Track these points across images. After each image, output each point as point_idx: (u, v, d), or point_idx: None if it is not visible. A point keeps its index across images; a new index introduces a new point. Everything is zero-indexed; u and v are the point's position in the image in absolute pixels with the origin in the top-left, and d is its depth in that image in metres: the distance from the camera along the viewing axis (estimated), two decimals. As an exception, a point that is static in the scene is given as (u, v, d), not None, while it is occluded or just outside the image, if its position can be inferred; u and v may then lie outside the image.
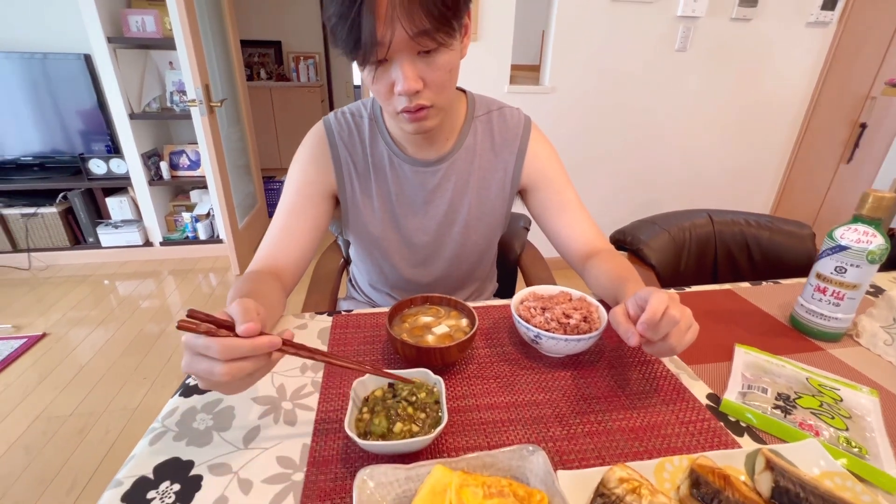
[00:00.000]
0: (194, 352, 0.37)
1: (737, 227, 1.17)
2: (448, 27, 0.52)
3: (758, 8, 2.10)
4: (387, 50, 0.51)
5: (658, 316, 0.45)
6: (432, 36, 0.51)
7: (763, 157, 2.49)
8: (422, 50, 0.53)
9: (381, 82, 0.56)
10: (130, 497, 0.38)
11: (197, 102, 1.99)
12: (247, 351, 0.37)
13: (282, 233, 0.70)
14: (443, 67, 0.56)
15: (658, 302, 0.45)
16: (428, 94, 0.57)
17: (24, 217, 2.32)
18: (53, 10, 2.20)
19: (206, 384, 0.38)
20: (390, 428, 0.41)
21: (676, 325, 0.45)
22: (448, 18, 0.51)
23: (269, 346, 0.38)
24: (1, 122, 2.26)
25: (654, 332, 0.46)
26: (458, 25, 0.54)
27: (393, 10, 0.48)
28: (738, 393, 0.51)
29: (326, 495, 0.39)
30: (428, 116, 0.60)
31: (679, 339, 0.46)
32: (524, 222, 1.12)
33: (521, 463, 0.39)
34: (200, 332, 0.36)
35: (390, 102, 0.58)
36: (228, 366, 0.37)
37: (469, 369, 0.55)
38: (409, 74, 0.53)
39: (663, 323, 0.45)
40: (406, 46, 0.52)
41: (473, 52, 1.98)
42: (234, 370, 0.37)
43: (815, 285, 0.63)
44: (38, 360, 1.68)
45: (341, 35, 0.51)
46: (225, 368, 0.36)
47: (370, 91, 0.60)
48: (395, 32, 0.50)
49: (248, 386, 0.41)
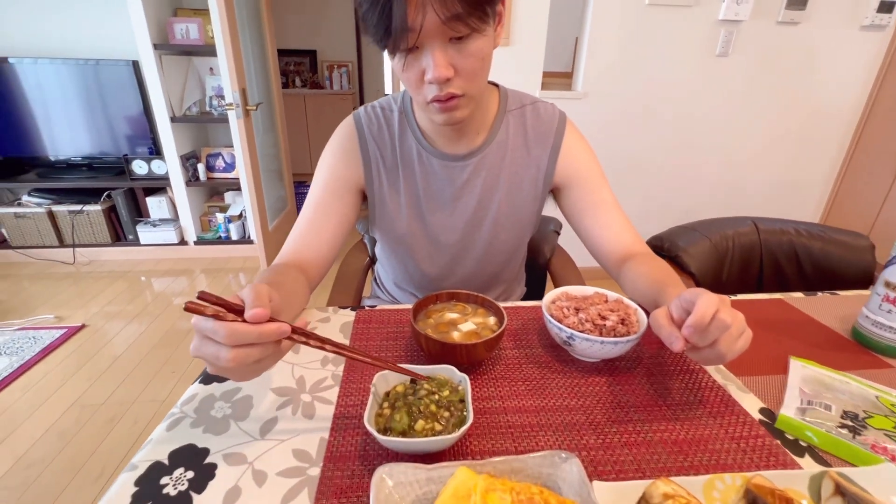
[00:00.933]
0: (202, 335, 0.36)
1: (785, 236, 1.10)
2: (481, 11, 0.50)
3: (807, 11, 2.00)
4: (417, 36, 0.50)
5: (707, 319, 0.41)
6: (465, 20, 0.49)
7: (812, 167, 2.36)
8: (454, 36, 0.51)
9: (411, 70, 0.54)
10: (144, 481, 0.37)
11: (234, 106, 2.05)
12: (254, 338, 0.35)
13: (309, 227, 0.69)
14: (475, 54, 0.54)
15: (707, 304, 0.41)
16: (459, 82, 0.55)
17: (71, 214, 2.44)
18: (106, 19, 2.33)
19: (214, 369, 0.37)
20: (412, 425, 0.39)
21: (727, 330, 0.41)
22: (481, 2, 0.49)
23: (278, 333, 0.36)
24: (56, 125, 2.39)
25: (702, 338, 0.41)
26: (492, 11, 0.53)
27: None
28: (797, 409, 0.46)
29: (342, 492, 0.36)
30: (459, 106, 0.58)
31: (730, 346, 0.42)
32: (554, 225, 1.08)
33: (553, 470, 0.36)
34: (208, 315, 0.35)
35: (420, 92, 0.57)
36: (235, 351, 0.35)
37: (496, 370, 0.52)
38: (440, 61, 0.52)
39: (713, 327, 0.41)
40: (438, 32, 0.50)
41: (505, 58, 1.96)
42: (241, 356, 0.35)
43: (883, 295, 0.57)
44: (75, 350, 1.74)
45: (372, 21, 0.50)
46: (231, 354, 0.35)
47: (401, 81, 0.59)
48: (426, 17, 0.48)
49: (257, 373, 0.39)
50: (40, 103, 2.34)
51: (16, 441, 1.32)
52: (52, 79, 2.30)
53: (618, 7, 1.93)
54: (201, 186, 2.57)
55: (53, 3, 2.29)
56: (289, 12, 4.18)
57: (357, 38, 4.35)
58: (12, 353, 1.68)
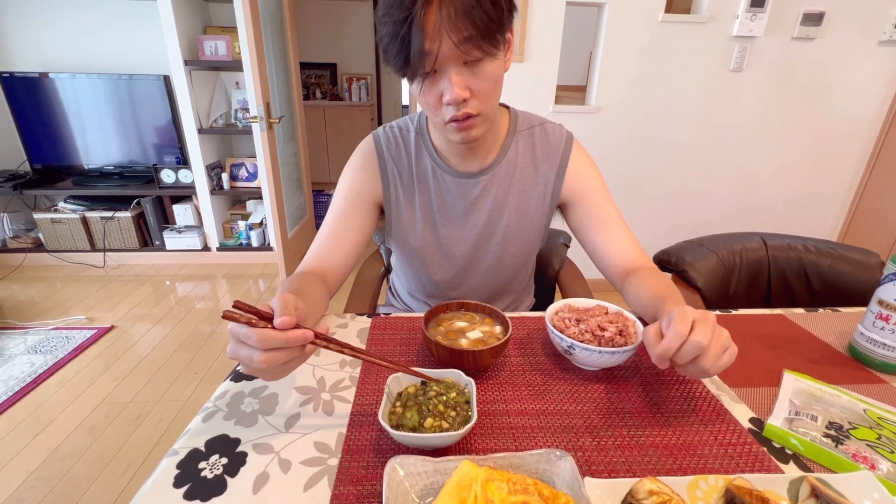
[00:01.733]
0: (237, 339, 0.41)
1: (793, 252, 1.11)
2: (492, 38, 0.55)
3: (822, 27, 2.01)
4: (434, 60, 0.54)
5: (673, 348, 0.44)
6: (478, 44, 0.54)
7: (829, 183, 2.34)
8: (468, 59, 0.56)
9: (430, 94, 0.59)
10: (184, 465, 0.42)
11: (258, 119, 2.14)
12: (281, 342, 0.40)
13: (329, 238, 0.74)
14: (488, 77, 0.58)
15: (677, 330, 0.44)
16: (475, 102, 0.60)
17: (102, 220, 2.56)
18: (141, 37, 2.47)
19: (248, 370, 0.42)
20: (421, 422, 0.43)
21: (703, 350, 0.44)
22: (492, 30, 0.54)
23: (302, 339, 0.41)
24: (90, 136, 2.53)
25: (679, 358, 0.45)
26: (502, 39, 0.57)
27: (440, 22, 0.52)
28: (785, 419, 0.48)
29: (358, 481, 0.41)
30: (475, 125, 0.62)
31: (712, 363, 0.45)
32: (563, 238, 1.11)
33: (548, 467, 0.39)
34: (242, 322, 0.40)
35: (438, 113, 0.61)
36: (265, 354, 0.40)
37: (501, 376, 0.56)
38: (457, 83, 0.56)
39: (685, 350, 0.44)
40: (453, 56, 0.55)
41: (520, 73, 2.01)
42: (270, 359, 0.40)
43: (876, 312, 0.59)
44: (105, 350, 1.83)
45: (392, 52, 0.55)
46: (262, 356, 0.40)
47: (419, 104, 0.64)
48: (442, 43, 0.53)
49: (285, 374, 0.44)
50: (77, 115, 2.48)
51: (50, 435, 1.40)
52: (89, 92, 2.44)
53: (631, 23, 1.96)
54: (225, 195, 2.67)
55: (92, 22, 2.44)
56: (311, 27, 4.33)
57: (376, 52, 4.47)
58: (47, 352, 1.78)
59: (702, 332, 0.44)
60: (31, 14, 2.41)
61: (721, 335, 0.45)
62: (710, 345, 0.44)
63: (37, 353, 1.77)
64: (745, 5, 1.94)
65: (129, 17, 2.44)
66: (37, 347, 1.80)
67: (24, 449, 1.34)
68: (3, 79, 2.36)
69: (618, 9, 1.94)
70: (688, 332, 0.44)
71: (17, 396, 1.54)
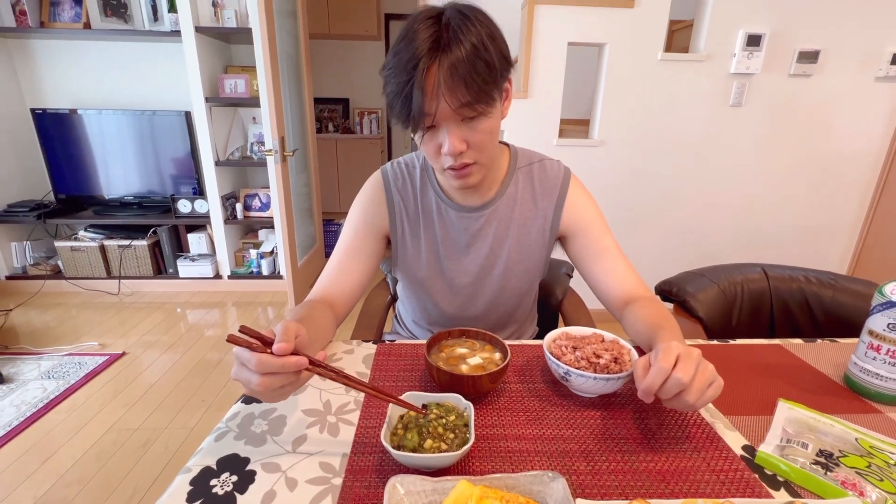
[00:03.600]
0: (239, 362, 0.44)
1: (795, 283, 1.12)
2: (488, 98, 0.60)
3: (818, 64, 2.08)
4: (433, 119, 0.60)
5: (657, 384, 0.47)
6: (473, 107, 0.59)
7: (834, 215, 2.35)
8: (466, 117, 0.61)
9: (429, 144, 0.65)
10: (197, 482, 0.44)
11: (273, 152, 2.24)
12: (277, 367, 0.43)
13: (338, 268, 0.78)
14: (484, 131, 0.63)
15: (660, 367, 0.47)
16: (471, 153, 0.65)
17: (119, 248, 2.65)
18: (165, 75, 2.62)
19: (248, 391, 0.45)
20: (421, 443, 0.45)
21: (684, 387, 0.46)
22: (487, 92, 0.59)
23: (296, 365, 0.44)
24: (112, 168, 2.65)
25: (662, 393, 0.48)
26: (498, 94, 0.62)
27: (438, 87, 0.57)
28: (776, 446, 0.50)
29: (360, 500, 0.42)
30: (471, 173, 0.67)
31: (695, 398, 0.47)
32: (566, 269, 1.14)
33: (542, 488, 0.41)
34: (243, 346, 0.43)
35: (438, 161, 0.67)
36: (262, 378, 0.42)
37: (500, 402, 0.58)
38: (454, 139, 0.62)
39: (667, 387, 0.47)
40: (450, 116, 0.60)
41: (524, 108, 2.09)
42: (266, 382, 0.43)
43: (867, 343, 0.60)
44: (115, 377, 1.86)
45: (396, 108, 0.61)
46: (259, 380, 0.42)
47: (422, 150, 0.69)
48: (439, 105, 0.58)
49: (282, 397, 0.47)
50: (101, 149, 2.60)
51: (58, 460, 1.41)
52: (113, 127, 2.57)
53: (631, 61, 2.05)
54: (238, 224, 2.75)
55: (119, 61, 2.60)
56: (326, 65, 4.54)
57: (387, 88, 4.65)
58: (59, 377, 1.81)
59: (684, 368, 0.46)
60: (64, 54, 2.58)
61: (706, 370, 0.48)
62: (692, 381, 0.46)
63: (50, 378, 1.80)
64: (742, 44, 2.02)
65: (155, 57, 2.60)
66: (50, 373, 1.84)
67: (32, 474, 1.36)
68: (36, 115, 2.50)
69: (617, 48, 2.03)
70: (671, 368, 0.47)
71: (28, 422, 1.56)
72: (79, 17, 2.44)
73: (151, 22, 2.48)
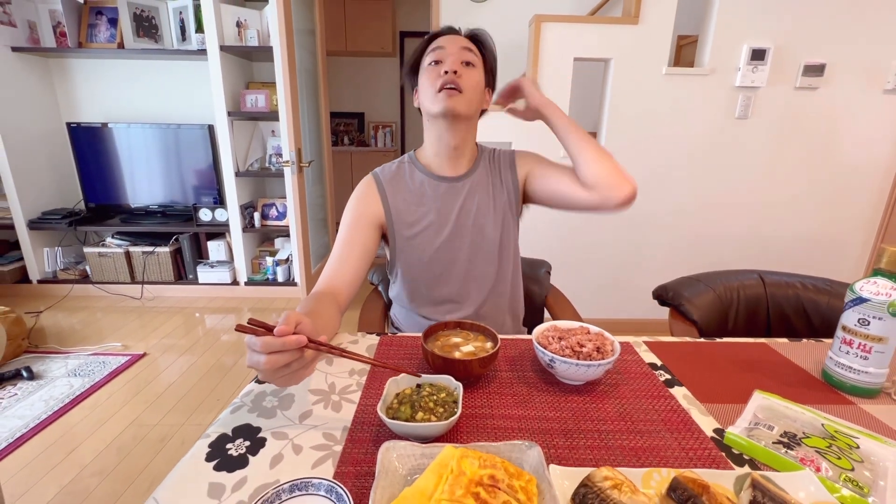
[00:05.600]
0: (249, 348, 0.49)
1: (792, 289, 1.15)
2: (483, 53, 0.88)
3: (825, 77, 2.10)
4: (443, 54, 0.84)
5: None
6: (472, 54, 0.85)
7: (845, 226, 2.34)
8: (464, 60, 0.83)
9: (434, 71, 0.84)
10: (214, 445, 0.50)
11: (290, 163, 2.34)
12: (279, 346, 0.47)
13: (338, 261, 0.85)
14: (473, 77, 0.85)
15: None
16: (461, 83, 0.82)
17: (143, 254, 2.77)
18: (190, 91, 2.76)
19: (262, 376, 0.50)
20: (413, 415, 0.50)
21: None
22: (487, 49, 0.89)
23: (296, 342, 0.48)
24: (138, 178, 2.79)
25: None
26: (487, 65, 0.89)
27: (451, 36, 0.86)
28: (744, 428, 0.53)
29: (357, 462, 0.48)
30: (456, 98, 0.82)
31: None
32: (546, 267, 1.20)
33: (519, 455, 0.46)
34: (249, 333, 0.48)
35: (434, 85, 0.83)
36: (268, 357, 0.47)
37: (490, 387, 0.62)
38: (454, 60, 0.83)
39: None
40: (456, 53, 0.84)
41: (533, 123, 2.15)
42: (272, 360, 0.47)
43: (841, 338, 0.64)
44: (136, 376, 1.94)
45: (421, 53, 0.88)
46: (265, 359, 0.47)
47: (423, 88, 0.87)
48: (451, 42, 0.85)
49: (294, 380, 0.51)
50: (129, 160, 2.75)
51: (81, 452, 1.49)
52: (141, 140, 2.71)
53: (636, 76, 2.10)
54: (255, 232, 2.85)
55: (148, 78, 2.76)
56: (342, 81, 4.69)
57: (401, 101, 4.79)
58: (84, 375, 1.90)
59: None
60: (98, 72, 2.75)
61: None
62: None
63: (76, 375, 1.90)
64: (746, 58, 2.06)
65: (181, 74, 2.75)
66: (76, 371, 1.93)
67: (58, 465, 1.43)
68: (70, 128, 2.66)
69: (623, 63, 2.09)
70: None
71: (55, 416, 1.65)
72: (113, 37, 2.61)
73: (180, 41, 2.63)
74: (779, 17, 2.02)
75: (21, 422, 1.59)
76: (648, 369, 0.68)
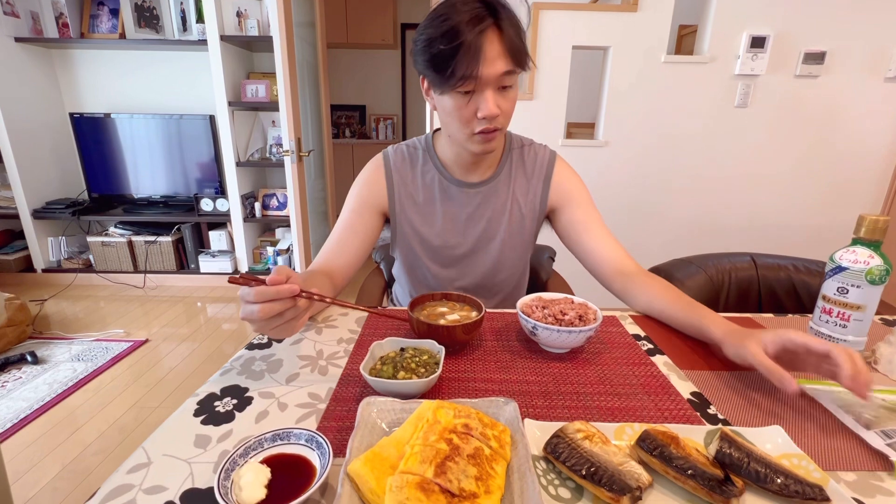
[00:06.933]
0: (243, 300, 0.51)
1: (784, 272, 1.15)
2: (524, 67, 0.70)
3: (825, 65, 2.09)
4: (475, 83, 0.67)
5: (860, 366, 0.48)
6: (512, 75, 0.69)
7: (846, 216, 2.33)
8: (502, 85, 0.69)
9: (464, 110, 0.71)
10: (203, 402, 0.51)
11: (290, 152, 2.35)
12: (272, 294, 0.49)
13: (338, 243, 0.85)
14: (513, 100, 0.73)
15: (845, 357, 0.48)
16: (500, 119, 0.72)
17: (146, 244, 2.80)
18: (191, 82, 2.78)
19: (256, 327, 0.51)
20: (395, 375, 0.51)
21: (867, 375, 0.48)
22: (525, 61, 0.70)
23: (289, 291, 0.50)
24: (142, 168, 2.81)
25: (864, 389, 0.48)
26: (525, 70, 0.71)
27: (488, 54, 0.65)
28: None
29: (340, 418, 0.49)
30: (495, 138, 0.75)
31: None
32: (549, 253, 1.20)
33: (496, 410, 0.47)
34: (242, 284, 0.50)
35: (469, 126, 0.72)
36: (261, 306, 0.49)
37: (475, 354, 0.64)
38: (491, 104, 0.69)
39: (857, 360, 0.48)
40: (494, 81, 0.68)
41: (529, 110, 2.16)
42: (266, 309, 0.49)
43: (821, 307, 0.64)
44: (138, 361, 1.97)
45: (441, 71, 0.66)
46: (259, 308, 0.49)
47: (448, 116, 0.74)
48: (488, 69, 0.66)
49: (288, 331, 0.53)
50: (131, 151, 2.77)
51: (84, 433, 1.52)
52: (143, 130, 2.73)
53: (635, 64, 2.10)
54: (256, 222, 2.88)
55: (150, 69, 2.78)
56: (344, 73, 4.70)
57: (402, 94, 4.79)
58: (87, 360, 1.93)
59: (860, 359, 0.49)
60: (100, 62, 2.77)
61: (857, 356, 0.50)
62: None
63: (79, 360, 1.93)
64: (745, 46, 2.05)
65: (183, 64, 2.77)
66: (79, 356, 1.96)
67: (61, 444, 1.46)
68: (74, 119, 2.69)
69: (621, 51, 2.08)
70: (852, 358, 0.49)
71: (58, 398, 1.68)
72: (115, 28, 2.63)
73: (181, 32, 2.65)
74: (779, 3, 2.01)
75: (25, 403, 1.63)
76: (632, 340, 0.69)
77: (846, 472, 0.43)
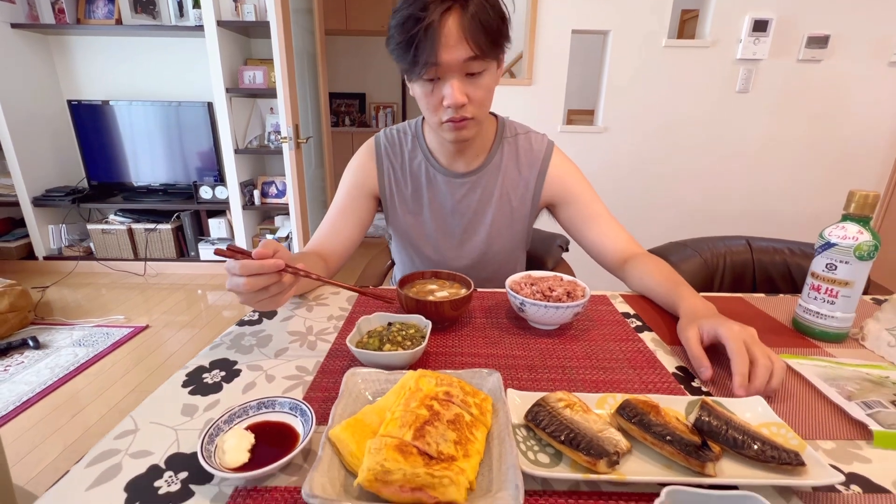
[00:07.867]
0: (230, 272, 0.51)
1: (779, 255, 1.15)
2: (495, 53, 0.66)
3: (829, 49, 2.06)
4: (437, 70, 0.65)
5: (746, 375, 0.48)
6: (480, 60, 0.65)
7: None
8: (468, 72, 0.66)
9: (430, 98, 0.69)
10: (192, 375, 0.52)
11: (288, 139, 2.34)
12: (257, 268, 0.49)
13: (332, 227, 0.85)
14: (484, 87, 0.68)
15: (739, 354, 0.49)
16: (470, 108, 0.69)
17: (146, 232, 2.81)
18: (189, 68, 2.76)
19: (241, 299, 0.52)
20: (380, 347, 0.52)
21: (770, 370, 0.48)
22: (493, 50, 0.65)
23: (274, 266, 0.50)
24: (141, 156, 2.81)
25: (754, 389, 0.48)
26: (501, 52, 0.68)
27: (450, 37, 0.62)
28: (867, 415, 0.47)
29: (326, 389, 0.50)
30: (467, 126, 0.72)
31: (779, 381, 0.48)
32: (561, 241, 1.18)
33: (479, 381, 0.47)
34: (229, 257, 0.50)
35: (437, 114, 0.70)
36: (247, 279, 0.49)
37: (464, 330, 0.64)
38: (457, 92, 0.66)
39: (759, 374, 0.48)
40: (457, 68, 0.65)
41: (529, 95, 2.14)
42: (252, 282, 0.49)
43: (810, 284, 0.64)
44: (138, 346, 1.99)
45: (405, 58, 0.64)
46: (244, 281, 0.49)
47: (420, 104, 0.73)
48: (451, 56, 0.63)
49: (272, 304, 0.53)
50: (130, 138, 2.77)
51: (85, 415, 1.54)
52: (142, 117, 2.72)
53: (635, 48, 2.07)
54: (255, 210, 2.88)
55: (147, 55, 2.76)
56: (343, 61, 4.66)
57: (402, 82, 4.74)
58: (88, 345, 1.95)
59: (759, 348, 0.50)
60: (97, 49, 2.75)
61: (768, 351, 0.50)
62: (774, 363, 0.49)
63: (80, 345, 1.95)
64: (748, 30, 2.02)
65: (180, 50, 2.75)
66: (81, 341, 1.98)
67: (63, 426, 1.48)
68: (72, 106, 2.68)
69: (621, 36, 2.06)
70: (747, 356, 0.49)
71: (61, 382, 1.70)
72: (111, 13, 2.61)
73: (177, 17, 2.62)
74: (782, -15, 1.98)
75: (27, 387, 1.65)
76: (621, 317, 0.69)
77: (825, 441, 0.44)
